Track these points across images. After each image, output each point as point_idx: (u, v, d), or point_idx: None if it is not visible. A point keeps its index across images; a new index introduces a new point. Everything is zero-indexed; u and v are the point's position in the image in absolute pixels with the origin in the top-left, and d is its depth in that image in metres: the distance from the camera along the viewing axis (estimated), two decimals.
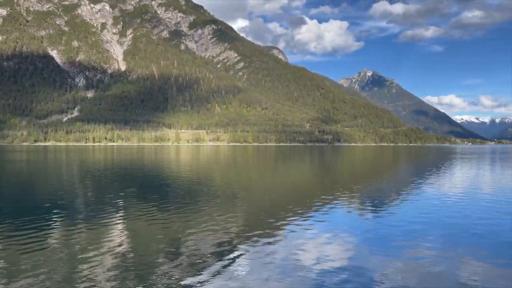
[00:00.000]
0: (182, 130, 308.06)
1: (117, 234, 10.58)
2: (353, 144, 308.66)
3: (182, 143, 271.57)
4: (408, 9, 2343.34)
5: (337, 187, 21.93)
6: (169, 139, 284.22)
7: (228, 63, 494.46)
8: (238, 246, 9.57)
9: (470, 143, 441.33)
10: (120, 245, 9.53)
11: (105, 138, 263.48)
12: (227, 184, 23.43)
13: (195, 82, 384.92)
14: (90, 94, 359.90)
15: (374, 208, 14.98)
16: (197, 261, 8.39)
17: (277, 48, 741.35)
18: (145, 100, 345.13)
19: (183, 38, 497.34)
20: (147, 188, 21.53)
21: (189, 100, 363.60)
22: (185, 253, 8.96)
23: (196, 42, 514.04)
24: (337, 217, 13.23)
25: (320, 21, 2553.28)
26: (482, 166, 42.53)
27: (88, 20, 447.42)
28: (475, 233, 10.96)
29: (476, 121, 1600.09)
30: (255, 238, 10.23)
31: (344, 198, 17.28)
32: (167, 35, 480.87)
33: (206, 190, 19.78)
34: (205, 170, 34.85)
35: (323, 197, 17.57)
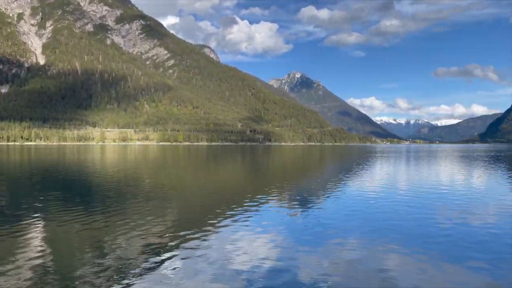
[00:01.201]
0: (108, 129, 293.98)
1: (37, 243, 9.75)
2: (283, 143, 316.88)
3: (108, 143, 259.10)
4: (333, 15, 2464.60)
5: (267, 185, 22.31)
6: (93, 138, 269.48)
7: (157, 60, 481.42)
8: (170, 247, 9.33)
9: (389, 143, 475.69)
10: (41, 254, 8.78)
11: (21, 137, 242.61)
12: (156, 185, 22.76)
13: (122, 78, 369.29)
14: (4, 89, 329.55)
15: (304, 205, 15.48)
16: (127, 265, 8.02)
17: (208, 47, 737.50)
18: (66, 97, 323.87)
19: (109, 32, 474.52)
20: (69, 191, 20.19)
21: (115, 98, 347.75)
22: (113, 257, 8.52)
23: (123, 37, 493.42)
24: (268, 215, 13.46)
25: (251, 22, 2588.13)
26: (399, 164, 46.02)
27: (3, 9, 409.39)
28: (396, 227, 11.78)
29: (393, 122, 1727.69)
30: (186, 239, 10.05)
31: (275, 196, 17.64)
32: (92, 29, 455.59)
33: (134, 192, 19.05)
34: (133, 171, 33.55)
35: (255, 196, 17.76)
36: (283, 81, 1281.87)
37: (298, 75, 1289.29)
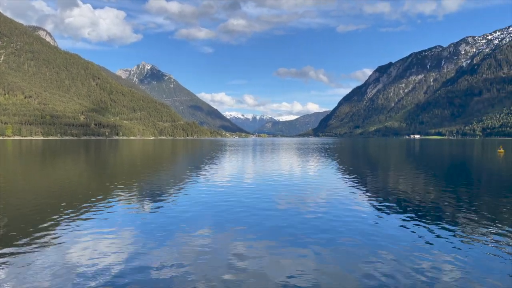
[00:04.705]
0: None
1: None
2: (132, 137, 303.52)
3: None
4: (183, 8, 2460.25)
5: (113, 182, 21.18)
6: None
7: None
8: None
9: (238, 137, 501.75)
10: None
11: None
12: None
13: None
14: None
15: (153, 201, 15.22)
16: None
17: (43, 30, 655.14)
18: None
19: None
20: None
21: None
22: None
23: None
24: (114, 213, 12.85)
25: (94, 7, 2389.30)
26: (246, 156, 48.98)
27: None
28: (242, 216, 12.61)
29: (242, 117, 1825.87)
30: (19, 244, 8.89)
31: (122, 193, 16.91)
32: None
33: None
34: None
35: (99, 194, 16.73)
36: (132, 72, 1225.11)
37: (148, 67, 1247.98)
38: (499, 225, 11.01)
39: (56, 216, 12.01)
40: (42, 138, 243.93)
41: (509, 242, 9.35)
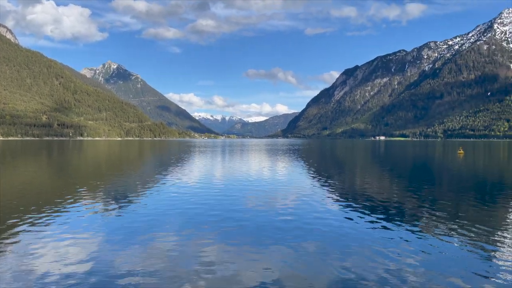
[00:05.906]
0: None
1: None
2: (97, 138, 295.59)
3: None
4: (151, 7, 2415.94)
5: (79, 185, 20.49)
6: None
7: None
8: None
9: (206, 138, 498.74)
10: None
11: None
12: None
13: None
14: None
15: (118, 204, 14.81)
16: None
17: (4, 26, 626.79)
18: None
19: None
20: None
21: None
22: None
23: None
24: (80, 217, 12.40)
25: (58, 4, 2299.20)
26: (216, 157, 48.69)
27: None
28: (210, 218, 12.45)
29: (211, 118, 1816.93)
30: None
31: (87, 197, 16.38)
32: None
33: None
34: None
35: (63, 197, 16.14)
36: (98, 71, 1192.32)
37: (114, 66, 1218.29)
38: (461, 222, 11.43)
39: (17, 221, 11.44)
40: (1, 138, 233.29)
41: (470, 239, 9.71)
